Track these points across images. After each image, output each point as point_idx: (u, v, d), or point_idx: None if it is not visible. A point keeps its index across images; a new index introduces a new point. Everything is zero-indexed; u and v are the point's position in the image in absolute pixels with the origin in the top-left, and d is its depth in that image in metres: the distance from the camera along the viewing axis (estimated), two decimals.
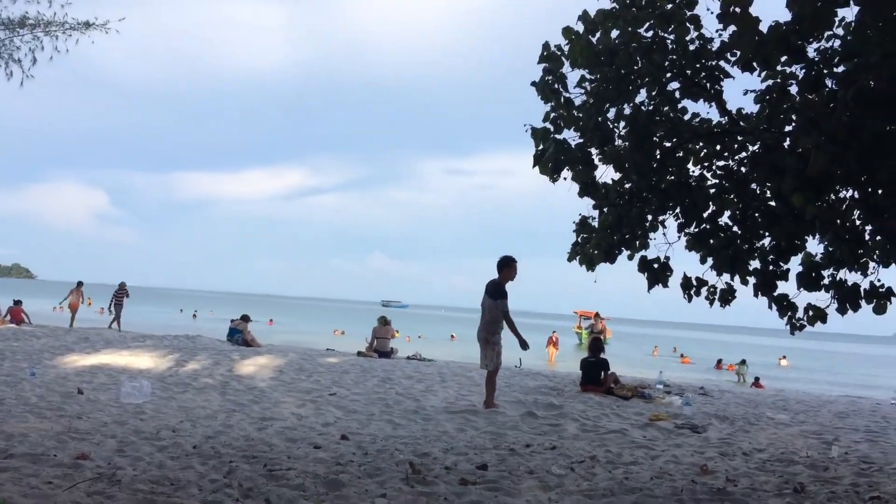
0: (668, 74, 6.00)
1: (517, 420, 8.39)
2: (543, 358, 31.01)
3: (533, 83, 6.21)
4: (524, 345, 9.21)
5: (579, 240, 6.83)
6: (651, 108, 6.14)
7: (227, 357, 13.03)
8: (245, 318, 18.17)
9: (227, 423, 7.64)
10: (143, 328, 23.91)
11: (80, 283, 25.96)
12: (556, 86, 6.17)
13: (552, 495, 5.05)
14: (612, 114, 6.15)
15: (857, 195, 5.73)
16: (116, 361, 11.82)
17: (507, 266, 9.25)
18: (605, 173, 6.36)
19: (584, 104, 6.17)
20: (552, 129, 6.20)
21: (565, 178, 6.18)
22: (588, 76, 6.12)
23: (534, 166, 6.15)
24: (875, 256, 5.94)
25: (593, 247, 6.62)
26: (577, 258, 6.76)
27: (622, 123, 6.16)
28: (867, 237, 5.88)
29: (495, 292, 9.19)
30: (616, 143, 6.21)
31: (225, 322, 21.65)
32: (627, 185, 6.45)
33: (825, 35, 5.26)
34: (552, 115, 6.24)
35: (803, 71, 5.42)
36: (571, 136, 6.17)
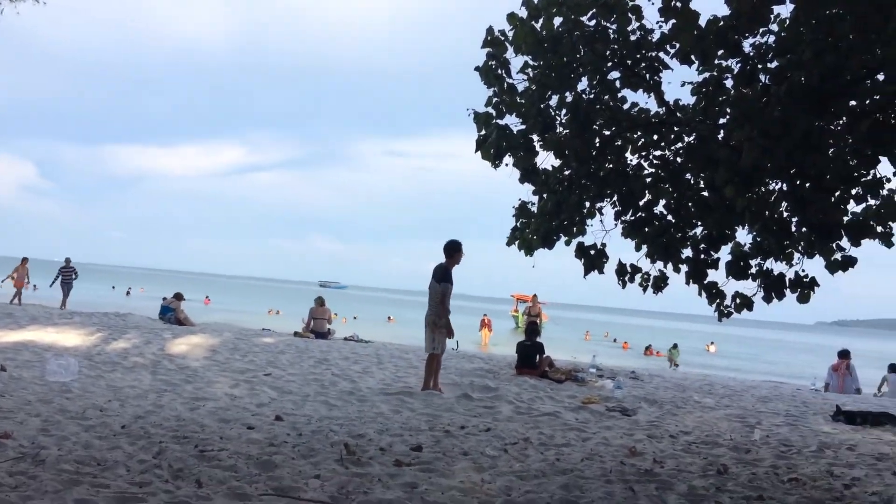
0: (610, 64, 6.07)
1: (453, 402, 8.45)
2: (477, 341, 31.29)
3: (476, 68, 6.21)
4: (450, 333, 9.33)
5: (518, 225, 6.90)
6: (592, 96, 6.21)
7: (158, 336, 12.73)
8: (178, 297, 17.79)
9: (158, 403, 7.49)
10: (72, 305, 23.16)
11: (24, 260, 24.76)
12: (499, 71, 6.18)
13: (485, 476, 5.12)
14: (554, 101, 6.19)
15: (785, 188, 5.93)
16: (42, 338, 11.43)
17: (455, 250, 9.31)
18: (546, 160, 6.42)
19: (527, 90, 6.20)
20: (495, 114, 6.22)
21: (507, 164, 6.22)
22: (531, 63, 6.15)
23: (476, 151, 6.17)
24: (800, 247, 6.16)
25: (532, 232, 6.70)
26: (516, 243, 6.83)
27: (564, 111, 6.21)
28: (793, 229, 6.09)
29: (441, 276, 9.24)
30: (557, 131, 6.27)
31: (157, 300, 21.15)
32: (567, 172, 6.52)
33: (761, 31, 5.40)
34: (495, 100, 6.26)
35: (739, 65, 5.56)
36: (514, 122, 6.20)
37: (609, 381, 11.32)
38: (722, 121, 5.86)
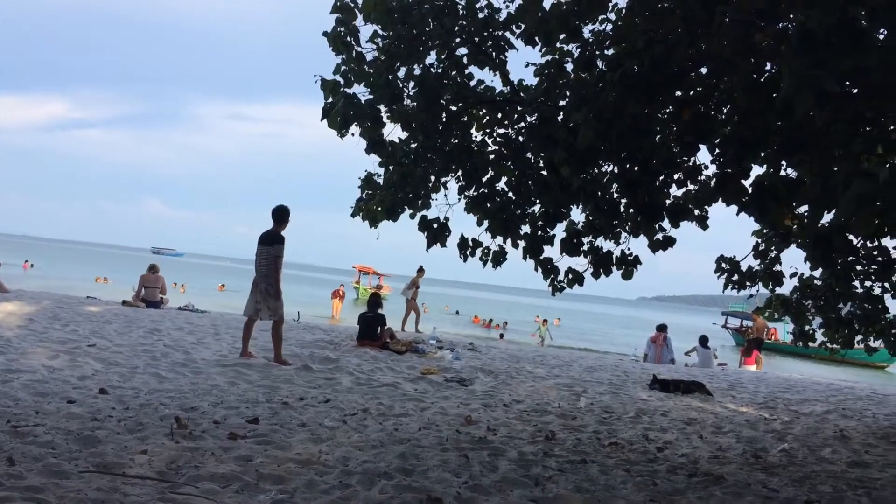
0: (458, 40, 6.14)
1: (292, 373, 8.32)
2: (327, 314, 30.95)
3: (325, 33, 6.07)
4: (278, 295, 9.09)
5: (364, 196, 6.87)
6: (440, 70, 6.26)
7: None
8: None
9: None
10: None
11: None
12: (348, 39, 6.08)
13: (323, 447, 5.09)
14: (402, 73, 6.18)
15: (616, 170, 6.29)
16: None
17: (286, 216, 9.11)
18: (393, 132, 6.42)
19: (376, 60, 6.15)
20: (342, 82, 6.12)
21: (353, 134, 6.15)
22: (381, 32, 6.10)
23: (322, 119, 6.05)
24: (627, 227, 6.57)
25: (377, 204, 6.69)
26: (361, 214, 6.80)
27: (411, 83, 6.22)
28: (622, 209, 6.47)
29: (274, 238, 9.03)
30: (405, 103, 6.27)
31: None
32: (413, 145, 6.55)
33: (600, 19, 5.65)
34: (343, 68, 6.16)
35: (578, 50, 5.80)
36: (361, 92, 6.14)
37: (448, 352, 11.60)
38: (562, 103, 6.10)
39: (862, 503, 4.75)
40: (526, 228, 6.81)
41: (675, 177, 6.39)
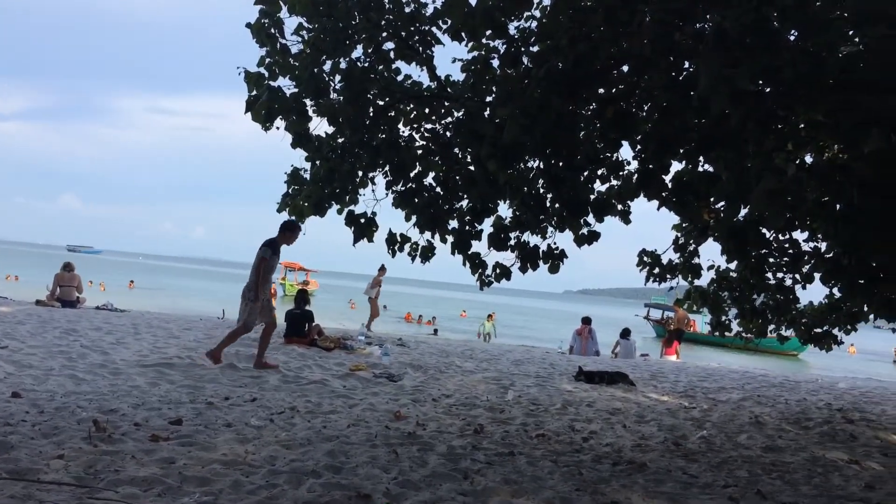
0: (384, 34, 6.11)
1: (217, 372, 8.14)
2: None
3: (248, 25, 5.94)
4: (255, 298, 8.92)
5: (290, 191, 6.77)
6: (366, 64, 6.21)
7: None
8: None
9: None
10: None
11: None
12: (272, 31, 5.97)
13: (249, 447, 5.00)
14: (328, 66, 6.11)
15: (541, 165, 6.38)
16: None
17: (289, 230, 8.79)
18: (320, 126, 6.34)
19: (301, 53, 6.06)
20: (267, 75, 6.01)
21: (278, 128, 6.05)
22: (306, 25, 6.01)
23: (246, 112, 5.92)
24: (553, 222, 6.69)
25: (303, 199, 6.60)
26: (287, 209, 6.70)
27: (338, 77, 6.16)
28: (548, 204, 6.57)
29: (266, 243, 8.84)
30: (331, 97, 6.20)
31: None
32: (340, 140, 6.49)
33: (525, 15, 5.71)
34: (267, 60, 6.04)
35: (504, 47, 5.85)
36: (287, 85, 6.04)
37: (377, 347, 11.55)
38: (488, 98, 6.15)
39: (776, 486, 4.96)
40: (454, 223, 6.83)
41: (599, 172, 6.53)
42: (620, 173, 6.54)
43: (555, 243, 6.86)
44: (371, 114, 6.37)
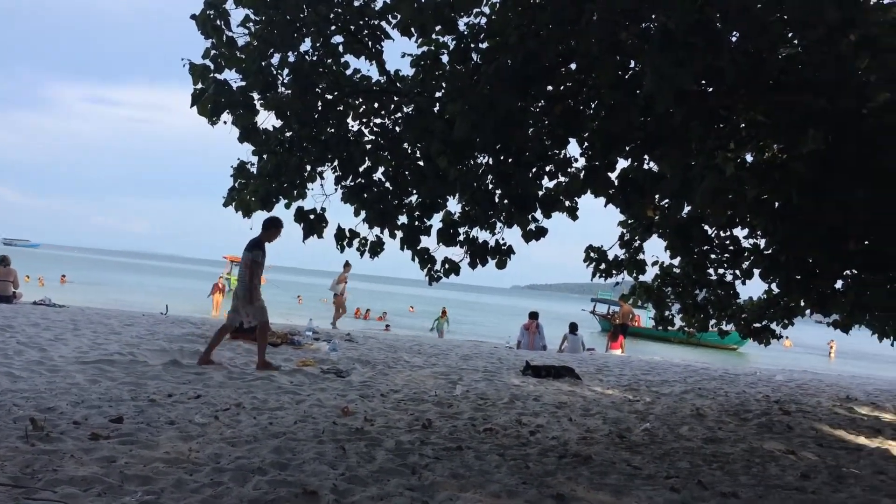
0: (333, 27, 6.05)
1: (160, 369, 7.98)
2: (203, 308, 29.61)
3: (193, 16, 5.82)
4: (252, 300, 9.04)
5: (237, 185, 6.66)
6: (315, 58, 6.15)
7: None
8: None
9: None
10: None
11: None
12: (218, 22, 5.85)
13: (193, 445, 4.92)
14: (276, 60, 6.03)
15: (491, 161, 6.42)
16: None
17: (273, 226, 8.84)
18: (267, 119, 6.25)
19: (248, 46, 5.96)
20: (213, 67, 5.89)
21: (225, 122, 5.95)
22: (253, 17, 5.91)
23: (192, 105, 5.80)
24: (502, 217, 6.73)
25: (250, 193, 6.51)
26: (234, 204, 6.60)
27: (286, 71, 6.08)
28: (497, 200, 6.62)
29: (254, 245, 8.92)
30: (279, 91, 6.12)
31: None
32: (288, 134, 6.41)
33: (474, 12, 5.73)
34: (213, 52, 5.93)
35: (454, 42, 5.86)
36: (234, 78, 5.93)
37: (325, 343, 11.47)
38: (438, 94, 6.15)
39: (716, 476, 5.10)
40: (403, 219, 6.83)
41: (547, 169, 6.60)
42: (568, 170, 6.62)
43: (503, 239, 6.91)
44: (320, 108, 6.31)
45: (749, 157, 6.73)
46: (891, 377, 18.30)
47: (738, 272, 8.32)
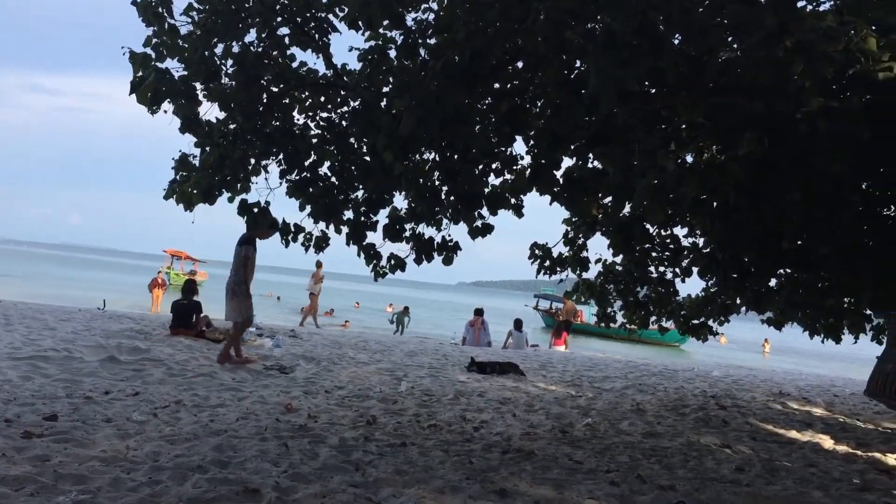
0: (279, 18, 5.97)
1: (97, 366, 7.76)
2: (142, 303, 28.80)
3: (134, 2, 5.67)
4: (242, 295, 9.05)
5: (178, 178, 6.52)
6: (260, 49, 6.06)
7: None
8: None
9: None
10: None
11: None
12: (159, 9, 5.72)
13: (131, 443, 4.80)
14: (219, 50, 5.92)
15: (437, 157, 6.43)
16: None
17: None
18: (210, 111, 6.14)
19: (191, 34, 5.83)
20: (154, 55, 5.75)
21: (165, 111, 5.81)
22: (196, 5, 5.79)
23: (131, 93, 5.65)
24: (448, 214, 6.75)
25: (192, 186, 6.38)
26: (175, 196, 6.45)
27: (230, 61, 5.97)
28: (443, 196, 6.63)
29: (244, 240, 8.92)
30: (222, 81, 6.01)
31: None
32: (232, 126, 6.30)
33: (422, 7, 5.72)
34: (154, 40, 5.78)
35: (402, 37, 5.84)
36: (175, 67, 5.80)
37: (269, 339, 11.33)
38: (385, 89, 6.13)
39: (654, 470, 5.21)
40: (349, 214, 6.79)
41: (494, 166, 6.64)
42: (514, 167, 6.67)
43: (449, 235, 6.93)
44: (265, 100, 6.22)
45: (689, 158, 6.89)
46: (821, 373, 19.00)
47: (677, 270, 8.52)
